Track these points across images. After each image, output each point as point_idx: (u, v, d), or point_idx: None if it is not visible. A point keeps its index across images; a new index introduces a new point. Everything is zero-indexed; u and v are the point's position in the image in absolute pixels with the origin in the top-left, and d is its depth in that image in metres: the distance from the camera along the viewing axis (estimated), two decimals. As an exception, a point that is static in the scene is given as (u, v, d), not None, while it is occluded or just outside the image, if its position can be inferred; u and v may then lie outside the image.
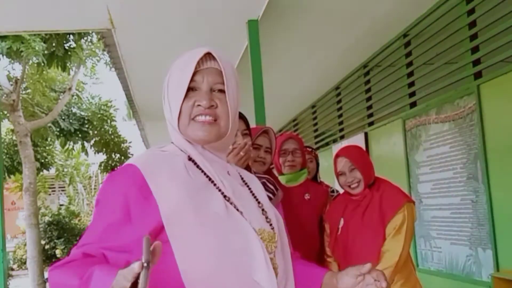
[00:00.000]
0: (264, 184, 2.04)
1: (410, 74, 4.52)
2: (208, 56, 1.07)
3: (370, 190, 2.35)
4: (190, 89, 1.05)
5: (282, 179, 2.51)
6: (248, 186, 1.15)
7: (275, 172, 2.56)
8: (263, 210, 1.11)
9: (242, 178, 1.16)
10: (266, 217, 1.10)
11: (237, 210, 1.03)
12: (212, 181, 1.04)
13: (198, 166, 1.06)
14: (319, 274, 1.14)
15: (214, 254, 0.94)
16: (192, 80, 1.05)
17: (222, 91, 1.07)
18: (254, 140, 2.25)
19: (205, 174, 1.05)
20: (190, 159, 1.07)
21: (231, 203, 1.03)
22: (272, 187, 2.06)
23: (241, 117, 2.22)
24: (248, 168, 2.14)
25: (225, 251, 0.95)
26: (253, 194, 1.13)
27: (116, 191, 0.98)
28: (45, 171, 10.53)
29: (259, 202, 1.12)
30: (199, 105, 1.05)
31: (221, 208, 1.00)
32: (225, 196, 1.03)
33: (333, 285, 1.10)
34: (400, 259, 2.19)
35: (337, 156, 2.40)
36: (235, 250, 0.96)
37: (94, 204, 1.04)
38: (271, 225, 1.09)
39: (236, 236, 0.98)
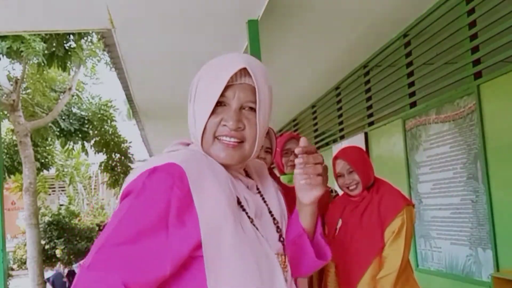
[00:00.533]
0: None
1: (410, 74, 4.52)
2: (244, 70, 0.98)
3: (369, 191, 2.35)
4: (219, 103, 0.97)
5: (284, 178, 2.52)
6: (262, 195, 1.08)
7: (276, 172, 2.56)
8: (277, 227, 1.05)
9: (257, 187, 1.10)
10: (280, 236, 1.04)
11: (261, 235, 0.98)
12: (239, 201, 0.98)
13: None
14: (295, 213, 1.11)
15: (244, 280, 0.90)
16: (222, 94, 0.96)
17: (252, 109, 0.99)
18: None
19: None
20: None
21: (254, 225, 0.98)
22: None
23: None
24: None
25: (254, 279, 0.91)
26: (268, 208, 1.06)
27: (158, 190, 0.89)
28: (45, 171, 10.53)
29: (274, 219, 1.06)
30: (225, 125, 0.97)
31: (251, 231, 0.95)
32: (249, 217, 0.97)
33: (299, 202, 1.08)
34: (402, 263, 2.19)
35: (335, 158, 2.41)
36: (262, 278, 0.92)
37: (121, 194, 0.94)
38: (283, 245, 1.04)
39: (264, 264, 0.94)
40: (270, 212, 1.06)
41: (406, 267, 2.25)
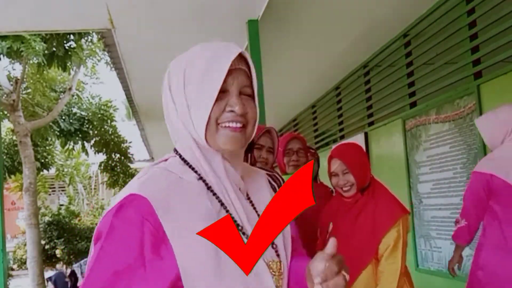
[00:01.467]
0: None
1: (410, 74, 4.52)
2: (238, 55, 0.96)
3: (363, 194, 2.27)
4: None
5: (286, 178, 2.52)
6: (251, 201, 1.03)
7: (278, 171, 2.57)
8: None
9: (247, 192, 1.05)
10: (272, 243, 1.00)
11: None
12: (226, 208, 0.94)
13: (212, 190, 0.95)
14: (304, 266, 0.99)
15: None
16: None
17: (248, 94, 0.98)
18: (256, 140, 2.26)
19: (219, 200, 0.95)
20: (201, 179, 0.95)
21: (243, 233, 0.93)
22: (275, 184, 2.06)
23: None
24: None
25: None
26: (257, 214, 1.01)
27: (128, 228, 0.85)
28: (45, 171, 10.53)
29: None
30: (231, 111, 0.94)
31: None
32: (238, 225, 0.94)
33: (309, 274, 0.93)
34: (400, 277, 2.14)
35: (331, 157, 2.32)
36: None
37: (93, 238, 0.90)
38: (276, 252, 1.00)
39: (252, 276, 0.90)
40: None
41: (401, 275, 2.21)
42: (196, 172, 0.96)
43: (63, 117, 8.96)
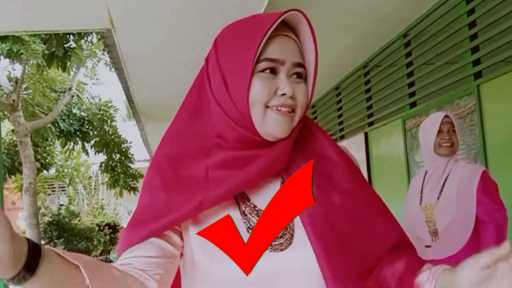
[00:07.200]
0: None
1: (410, 74, 4.52)
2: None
3: None
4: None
5: None
6: None
7: None
8: None
9: None
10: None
11: None
12: None
13: None
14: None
15: None
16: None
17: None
18: None
19: None
20: None
21: None
22: None
23: None
24: None
25: None
26: None
27: None
28: (45, 172, 10.52)
29: None
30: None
31: None
32: None
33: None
34: None
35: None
36: None
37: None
38: None
39: None
40: None
41: None
42: None
43: (63, 118, 8.97)
